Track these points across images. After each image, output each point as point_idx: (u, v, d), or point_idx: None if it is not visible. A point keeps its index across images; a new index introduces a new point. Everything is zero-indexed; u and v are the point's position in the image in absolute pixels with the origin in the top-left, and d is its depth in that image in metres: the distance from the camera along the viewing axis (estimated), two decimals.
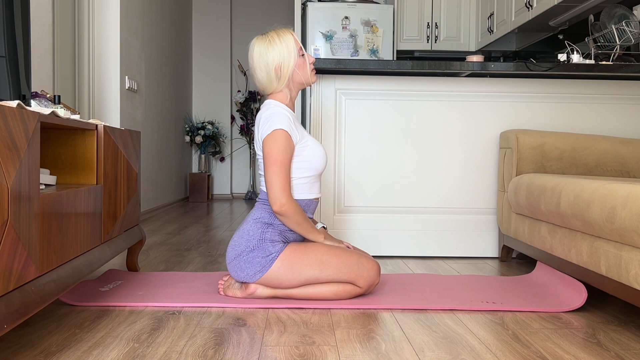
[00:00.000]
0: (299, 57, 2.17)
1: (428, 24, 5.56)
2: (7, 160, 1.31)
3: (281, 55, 2.13)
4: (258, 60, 2.15)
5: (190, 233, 4.00)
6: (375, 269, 2.16)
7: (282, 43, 2.14)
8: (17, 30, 1.82)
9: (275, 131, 2.07)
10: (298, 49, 2.17)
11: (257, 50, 2.16)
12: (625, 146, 2.89)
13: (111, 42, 4.16)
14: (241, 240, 2.12)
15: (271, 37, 2.16)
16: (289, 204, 2.06)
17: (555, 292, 2.28)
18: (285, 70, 2.14)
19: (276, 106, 2.15)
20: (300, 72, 2.18)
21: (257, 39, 2.19)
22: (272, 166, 2.07)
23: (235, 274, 2.13)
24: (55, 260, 1.66)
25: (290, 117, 2.13)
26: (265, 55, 2.14)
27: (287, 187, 2.07)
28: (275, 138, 2.07)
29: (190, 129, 6.76)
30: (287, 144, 2.08)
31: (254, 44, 2.18)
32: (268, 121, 2.10)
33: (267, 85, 2.18)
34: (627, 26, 3.22)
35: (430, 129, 3.11)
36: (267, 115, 2.12)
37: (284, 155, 2.07)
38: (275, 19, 7.40)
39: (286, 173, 2.08)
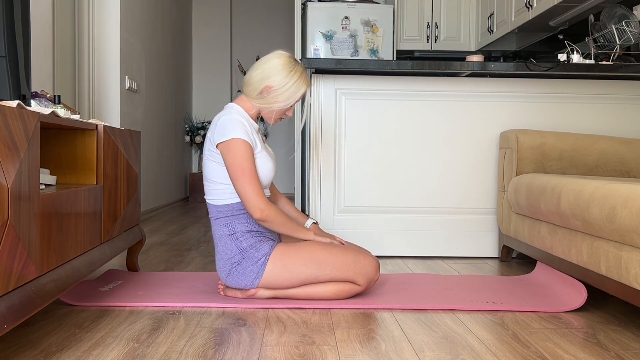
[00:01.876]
0: (288, 104, 2.13)
1: (428, 24, 5.56)
2: (7, 160, 1.31)
3: (283, 87, 2.08)
4: (268, 68, 2.10)
5: (190, 233, 4.00)
6: (373, 265, 2.15)
7: (296, 82, 2.09)
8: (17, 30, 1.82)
9: (234, 140, 2.02)
10: (296, 100, 2.12)
11: (277, 61, 2.09)
12: (625, 146, 2.89)
13: (111, 42, 4.16)
14: (222, 261, 2.11)
15: (296, 69, 2.10)
16: (268, 208, 2.02)
17: (555, 292, 2.28)
18: (270, 98, 2.10)
19: (237, 113, 2.11)
20: (273, 111, 2.13)
21: (288, 56, 2.12)
22: (242, 177, 2.02)
23: (236, 286, 2.13)
24: (55, 260, 1.66)
25: (247, 125, 2.08)
26: (276, 72, 2.08)
27: (261, 193, 2.03)
28: (235, 147, 2.02)
29: (190, 129, 6.76)
30: (248, 152, 2.03)
31: (281, 55, 2.12)
32: (224, 128, 2.04)
33: (247, 87, 2.13)
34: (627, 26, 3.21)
35: (430, 129, 3.11)
36: (225, 120, 2.06)
37: (248, 162, 2.02)
38: (276, 19, 7.42)
39: (256, 179, 2.03)
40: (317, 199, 3.07)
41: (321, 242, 2.14)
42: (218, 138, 2.05)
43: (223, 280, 2.15)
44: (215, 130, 2.08)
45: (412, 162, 3.11)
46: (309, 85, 2.13)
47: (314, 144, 3.08)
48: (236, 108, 2.15)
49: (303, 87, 2.11)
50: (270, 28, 7.43)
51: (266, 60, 2.13)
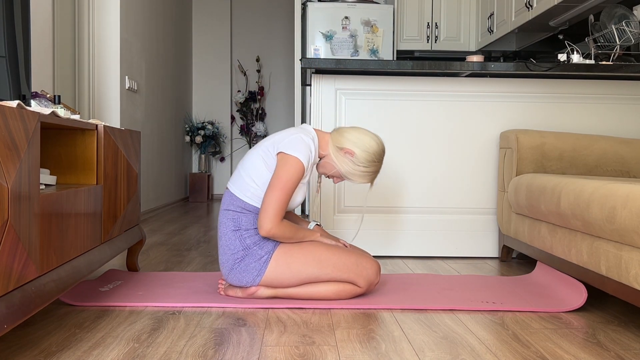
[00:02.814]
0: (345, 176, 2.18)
1: (428, 24, 5.56)
2: (7, 160, 1.31)
3: (357, 164, 2.13)
4: (364, 138, 2.14)
5: (190, 233, 4.00)
6: (375, 268, 2.17)
7: (367, 171, 2.15)
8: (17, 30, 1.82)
9: (295, 159, 2.05)
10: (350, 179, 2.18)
11: (373, 144, 2.14)
12: (625, 146, 2.89)
13: (111, 42, 4.16)
14: (226, 256, 2.12)
15: (377, 164, 2.16)
16: (275, 229, 2.02)
17: (555, 292, 2.28)
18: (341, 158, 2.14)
19: (312, 140, 2.13)
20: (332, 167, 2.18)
21: (383, 147, 2.17)
22: (278, 191, 2.03)
23: (237, 283, 2.14)
24: (55, 260, 1.66)
25: (312, 156, 2.11)
26: (366, 148, 2.13)
27: (280, 214, 2.03)
28: (292, 165, 2.04)
29: (190, 129, 6.76)
30: (299, 176, 2.06)
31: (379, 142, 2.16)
32: (295, 143, 2.07)
33: (339, 134, 2.17)
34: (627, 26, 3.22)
35: (430, 129, 3.11)
36: (300, 138, 2.09)
37: (292, 184, 2.05)
38: (276, 19, 7.42)
39: (287, 201, 2.05)
40: (318, 199, 3.07)
41: (325, 243, 2.16)
42: (284, 148, 2.07)
43: (225, 276, 2.15)
44: (286, 140, 2.09)
45: (412, 162, 3.11)
46: (371, 182, 2.21)
47: None
48: (314, 136, 2.16)
49: (366, 179, 2.18)
50: (270, 28, 7.42)
51: (368, 134, 2.17)
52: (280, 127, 7.44)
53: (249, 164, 2.14)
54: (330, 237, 2.25)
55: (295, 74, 5.34)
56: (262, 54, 7.40)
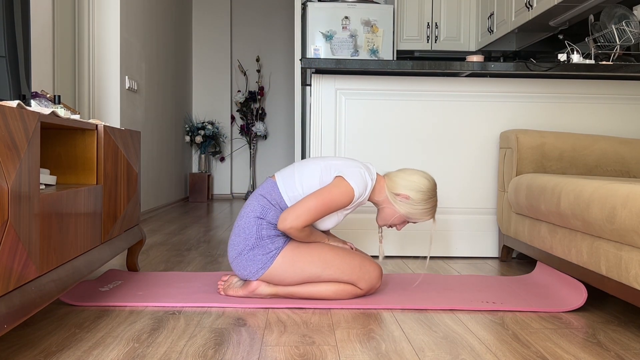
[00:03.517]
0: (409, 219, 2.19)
1: (428, 24, 5.56)
2: (7, 160, 1.31)
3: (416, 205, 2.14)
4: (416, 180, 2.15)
5: (190, 233, 4.00)
6: (377, 273, 2.18)
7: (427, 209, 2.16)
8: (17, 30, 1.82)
9: (350, 188, 2.07)
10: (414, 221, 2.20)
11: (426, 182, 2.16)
12: (625, 146, 2.89)
13: (111, 42, 4.16)
14: (238, 238, 2.12)
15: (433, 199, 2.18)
16: (294, 230, 2.05)
17: (555, 292, 2.28)
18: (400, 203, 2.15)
19: (370, 180, 2.14)
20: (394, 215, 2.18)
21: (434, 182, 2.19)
22: (320, 200, 2.05)
23: (238, 272, 2.14)
24: (55, 260, 1.66)
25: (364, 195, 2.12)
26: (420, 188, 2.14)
27: (305, 222, 2.05)
28: (346, 190, 2.06)
29: (190, 129, 6.76)
30: (344, 203, 2.07)
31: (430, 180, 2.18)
32: (355, 174, 2.09)
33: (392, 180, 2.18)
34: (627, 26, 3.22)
35: (430, 129, 3.11)
36: (362, 173, 2.11)
37: (335, 205, 2.06)
38: (276, 19, 7.42)
39: (320, 213, 2.06)
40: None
41: (330, 245, 2.17)
42: (345, 175, 2.09)
43: (230, 261, 2.16)
44: (350, 169, 2.11)
45: (412, 162, 3.11)
46: (433, 218, 2.22)
47: (314, 144, 3.08)
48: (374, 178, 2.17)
49: (427, 216, 2.20)
50: (270, 28, 7.42)
51: (419, 175, 2.18)
52: (280, 127, 7.45)
53: (307, 171, 2.15)
54: (338, 240, 2.27)
55: (295, 74, 5.34)
56: (262, 54, 7.40)
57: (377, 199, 2.20)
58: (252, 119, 7.27)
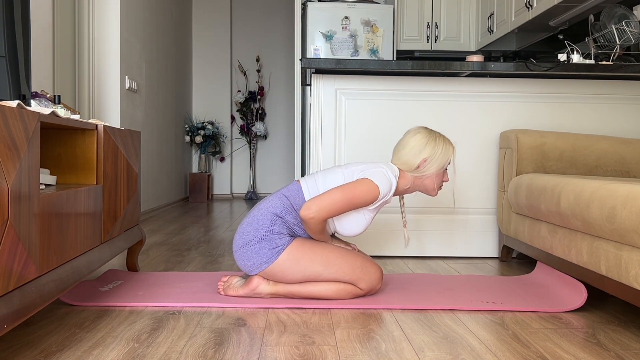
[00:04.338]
0: (443, 169, 2.22)
1: (428, 24, 5.56)
2: (7, 160, 1.31)
3: (435, 153, 2.18)
4: (415, 143, 2.19)
5: (190, 233, 4.00)
6: (378, 274, 2.19)
7: (442, 147, 2.20)
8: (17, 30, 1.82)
9: (375, 186, 2.09)
10: (448, 163, 2.22)
11: (421, 136, 2.20)
12: (625, 146, 2.89)
13: (111, 42, 4.16)
14: (250, 228, 2.13)
15: (438, 137, 2.21)
16: (316, 220, 2.06)
17: (555, 292, 2.28)
18: (428, 169, 2.19)
19: (394, 177, 2.16)
20: (434, 179, 2.22)
21: (425, 129, 2.23)
22: (342, 194, 2.07)
23: (241, 262, 2.14)
24: (55, 260, 1.66)
25: (389, 195, 2.15)
26: (424, 144, 2.18)
27: (328, 214, 2.07)
28: (370, 188, 2.08)
29: (190, 129, 6.76)
30: (369, 200, 2.09)
31: (420, 130, 2.22)
32: (380, 175, 2.12)
33: (403, 164, 2.21)
34: (627, 26, 3.22)
35: None
36: (385, 173, 2.14)
37: (359, 201, 2.08)
38: (276, 19, 7.42)
39: (341, 208, 2.08)
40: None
41: (335, 245, 2.19)
42: (369, 175, 2.12)
43: (235, 251, 2.16)
44: (373, 170, 2.14)
45: None
46: (454, 147, 2.25)
47: (314, 143, 3.08)
48: (396, 173, 2.19)
49: (450, 149, 2.22)
50: (270, 28, 7.42)
51: (410, 137, 2.22)
52: (280, 127, 7.45)
53: (331, 179, 2.17)
54: (341, 242, 2.28)
55: (295, 74, 5.34)
56: (262, 54, 7.40)
57: (409, 186, 2.24)
58: (252, 119, 7.27)
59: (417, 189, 2.26)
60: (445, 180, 2.27)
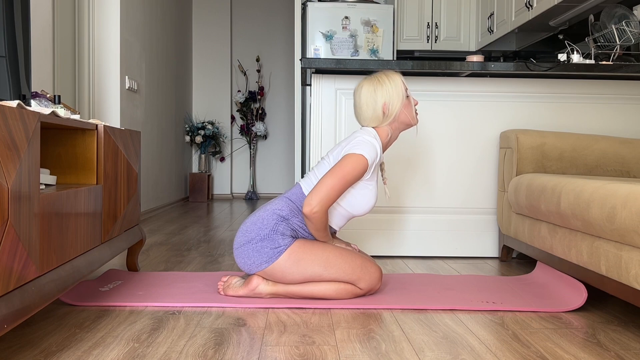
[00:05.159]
0: (405, 97, 2.22)
1: (428, 24, 5.56)
2: (7, 160, 1.31)
3: (389, 94, 2.19)
4: (367, 98, 2.21)
5: (190, 233, 4.00)
6: (378, 274, 2.19)
7: (390, 83, 2.20)
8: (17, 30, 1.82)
9: (361, 156, 2.10)
10: (405, 89, 2.22)
11: (366, 89, 2.22)
12: (625, 146, 2.89)
13: (111, 42, 4.16)
14: (253, 227, 2.13)
15: (380, 77, 2.22)
16: (319, 213, 2.07)
17: (555, 292, 2.28)
18: (392, 109, 2.20)
19: (376, 138, 2.18)
20: (406, 112, 2.23)
21: (366, 79, 2.24)
22: (335, 177, 2.08)
23: (240, 260, 2.14)
24: (55, 260, 1.66)
25: (378, 156, 2.16)
26: (374, 93, 2.20)
27: (329, 201, 2.08)
28: (356, 160, 2.10)
29: (190, 129, 6.76)
30: (360, 172, 2.10)
31: (363, 84, 2.23)
32: (360, 144, 2.13)
33: (371, 121, 2.23)
34: (627, 26, 3.22)
35: (430, 129, 3.11)
36: (363, 139, 2.15)
37: (351, 177, 2.09)
38: (276, 19, 7.42)
39: (339, 191, 2.09)
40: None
41: (335, 246, 2.19)
42: (350, 150, 2.13)
43: (235, 249, 2.16)
44: (351, 143, 2.16)
45: (411, 162, 3.11)
46: (398, 73, 2.26)
47: (314, 144, 3.08)
48: (374, 133, 2.21)
49: (396, 77, 2.23)
50: (270, 28, 7.42)
51: (358, 95, 2.24)
52: (280, 127, 7.45)
53: (322, 170, 2.20)
54: (342, 242, 2.29)
55: (295, 74, 5.34)
56: (262, 54, 7.40)
57: (390, 134, 2.25)
58: (252, 119, 7.27)
59: (399, 131, 2.28)
60: (415, 104, 2.27)
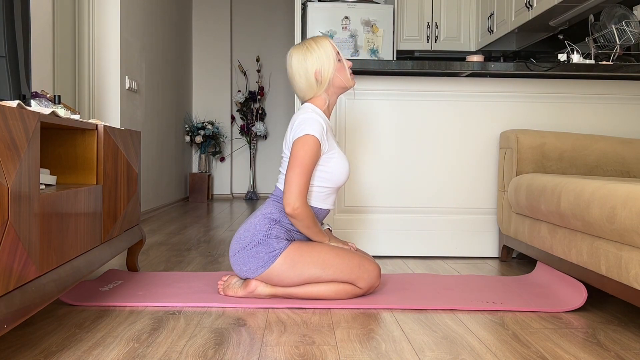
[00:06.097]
0: (337, 61, 2.20)
1: (428, 24, 5.56)
2: (7, 160, 1.31)
3: (320, 60, 2.17)
4: (297, 68, 2.19)
5: (190, 233, 4.00)
6: (376, 272, 2.18)
7: (320, 49, 2.18)
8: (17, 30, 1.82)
9: (307, 136, 2.09)
10: (335, 53, 2.20)
11: (296, 58, 2.19)
12: (625, 146, 2.89)
13: (111, 42, 4.16)
14: (247, 233, 2.13)
15: (309, 44, 2.20)
16: (301, 207, 2.07)
17: (555, 292, 2.28)
18: (325, 75, 2.18)
19: (313, 111, 2.17)
20: (340, 76, 2.21)
21: (295, 48, 2.22)
22: (296, 168, 2.08)
23: (237, 267, 2.14)
24: (55, 260, 1.66)
25: (324, 125, 2.15)
26: (304, 62, 2.18)
27: (304, 192, 2.08)
28: (304, 142, 2.09)
29: (190, 129, 6.76)
30: (314, 151, 2.10)
31: (292, 53, 2.21)
32: (302, 124, 2.12)
33: (307, 91, 2.21)
34: (627, 26, 3.22)
35: (430, 129, 3.11)
36: (303, 118, 2.14)
37: (308, 160, 2.09)
38: (276, 19, 7.42)
39: (307, 178, 2.09)
40: None
41: (331, 245, 2.17)
42: (295, 135, 2.12)
43: (231, 256, 2.16)
44: (294, 129, 2.14)
45: (412, 162, 3.11)
46: (326, 37, 2.24)
47: None
48: (312, 107, 2.20)
49: (324, 42, 2.20)
50: (270, 28, 7.42)
51: (289, 66, 2.22)
52: (280, 127, 7.45)
53: (285, 165, 2.19)
54: (339, 241, 2.27)
55: None
56: (262, 54, 7.40)
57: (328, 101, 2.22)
58: (252, 119, 7.27)
59: (336, 95, 2.25)
60: (349, 65, 2.24)
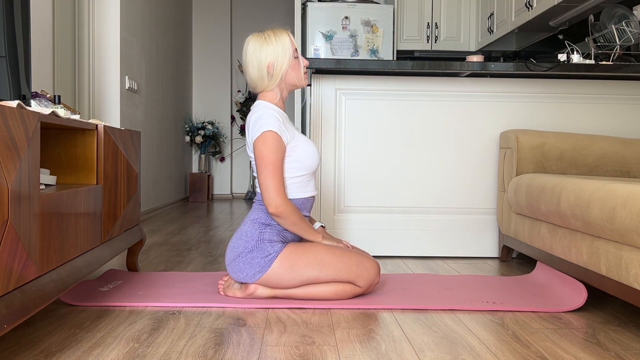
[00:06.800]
0: (293, 58, 2.16)
1: (428, 24, 5.56)
2: (7, 160, 1.31)
3: (275, 53, 2.13)
4: (251, 57, 2.15)
5: (190, 233, 4.00)
6: (375, 269, 2.17)
7: (277, 42, 2.14)
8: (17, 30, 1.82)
9: (265, 133, 2.06)
10: (293, 50, 2.17)
11: (252, 46, 2.15)
12: (625, 146, 2.89)
13: (111, 42, 4.16)
14: (239, 241, 2.12)
15: (267, 35, 2.15)
16: (284, 205, 2.06)
17: (555, 292, 2.28)
18: (278, 70, 2.14)
19: (265, 107, 2.14)
20: (293, 73, 2.17)
21: (253, 35, 2.18)
22: (265, 169, 2.07)
23: (234, 275, 2.13)
24: (55, 260, 1.66)
25: (280, 118, 2.12)
26: (259, 52, 2.13)
27: (280, 188, 2.07)
28: (265, 140, 2.07)
29: (190, 129, 6.76)
30: (277, 145, 2.07)
31: (249, 41, 2.17)
32: (257, 123, 2.09)
33: (258, 82, 2.17)
34: (627, 26, 3.21)
35: (430, 129, 3.11)
36: (256, 117, 2.11)
37: (275, 156, 2.07)
38: (276, 19, 7.42)
39: (279, 174, 2.08)
40: (318, 199, 3.07)
41: (326, 245, 2.16)
42: (257, 132, 2.09)
43: (227, 264, 2.15)
44: (251, 130, 2.12)
45: (412, 162, 3.11)
46: (287, 31, 2.19)
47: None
48: (263, 103, 2.18)
49: (284, 36, 2.16)
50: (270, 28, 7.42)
51: (245, 52, 2.18)
52: None
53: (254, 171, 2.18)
54: (332, 239, 2.25)
55: None
56: None
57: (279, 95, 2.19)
58: None
59: (288, 90, 2.21)
60: (305, 64, 2.20)
